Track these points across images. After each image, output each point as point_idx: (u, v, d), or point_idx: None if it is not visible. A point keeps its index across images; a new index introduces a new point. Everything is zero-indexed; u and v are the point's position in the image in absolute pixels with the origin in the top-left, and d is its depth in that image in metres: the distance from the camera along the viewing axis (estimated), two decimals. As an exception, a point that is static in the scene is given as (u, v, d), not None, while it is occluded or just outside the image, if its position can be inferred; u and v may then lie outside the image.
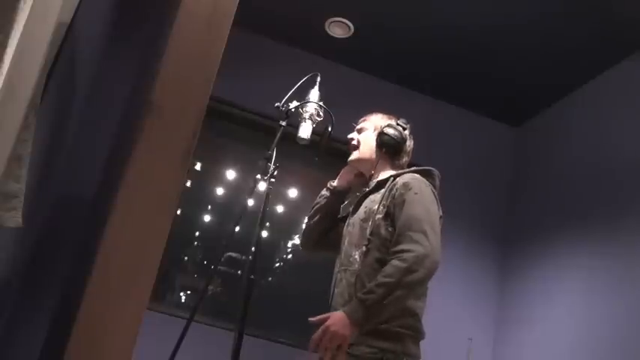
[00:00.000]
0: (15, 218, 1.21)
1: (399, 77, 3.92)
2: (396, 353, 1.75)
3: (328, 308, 1.97)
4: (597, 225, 3.12)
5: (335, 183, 2.23)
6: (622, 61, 3.29)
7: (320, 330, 1.69)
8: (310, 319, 1.78)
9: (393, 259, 1.74)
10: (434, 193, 1.96)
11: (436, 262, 1.74)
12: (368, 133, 2.16)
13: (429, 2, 3.25)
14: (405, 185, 1.90)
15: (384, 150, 2.08)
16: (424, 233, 1.76)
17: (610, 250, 2.98)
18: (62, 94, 1.70)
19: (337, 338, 1.65)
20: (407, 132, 2.12)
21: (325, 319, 1.72)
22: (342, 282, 1.94)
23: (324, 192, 2.24)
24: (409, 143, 2.13)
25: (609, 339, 2.80)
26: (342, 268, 1.97)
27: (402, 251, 1.74)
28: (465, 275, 3.73)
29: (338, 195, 2.22)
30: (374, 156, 2.11)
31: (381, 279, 1.69)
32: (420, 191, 1.88)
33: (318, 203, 2.23)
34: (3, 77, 1.00)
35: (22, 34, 1.03)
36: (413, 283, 1.70)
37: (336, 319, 1.69)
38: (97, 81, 2.05)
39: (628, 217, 2.93)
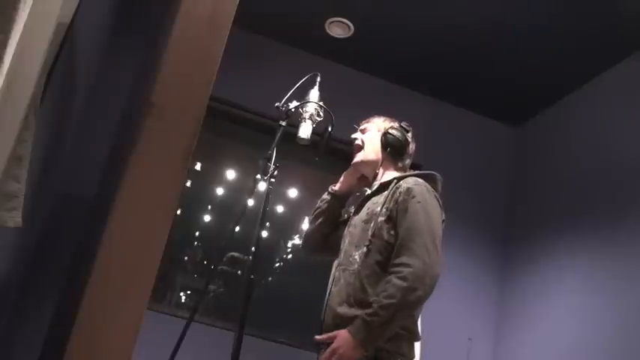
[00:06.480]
0: (15, 218, 1.21)
1: (399, 77, 3.92)
2: (390, 353, 1.77)
3: (323, 306, 1.97)
4: (597, 225, 3.12)
5: (336, 187, 2.22)
6: (622, 61, 3.29)
7: (328, 352, 1.74)
8: (316, 337, 1.84)
9: (392, 273, 1.76)
10: (437, 198, 1.96)
11: (435, 276, 1.76)
12: (371, 134, 2.15)
13: (428, 2, 3.25)
14: (409, 191, 1.89)
15: (388, 150, 2.08)
16: (425, 247, 1.78)
17: (610, 250, 2.98)
18: (62, 94, 1.70)
19: None
20: (409, 134, 2.13)
21: (331, 338, 1.77)
22: (340, 281, 1.93)
23: (326, 196, 2.23)
24: (412, 146, 2.14)
25: (609, 339, 2.80)
26: (341, 267, 1.97)
27: (402, 265, 1.76)
28: (465, 275, 3.73)
29: (339, 199, 2.21)
30: (379, 157, 2.11)
31: (383, 300, 1.72)
32: (423, 199, 1.88)
33: (319, 207, 2.23)
34: (3, 77, 1.00)
35: (22, 34, 1.03)
36: (415, 302, 1.74)
37: (343, 340, 1.73)
38: (97, 81, 2.06)
39: (628, 217, 2.92)
